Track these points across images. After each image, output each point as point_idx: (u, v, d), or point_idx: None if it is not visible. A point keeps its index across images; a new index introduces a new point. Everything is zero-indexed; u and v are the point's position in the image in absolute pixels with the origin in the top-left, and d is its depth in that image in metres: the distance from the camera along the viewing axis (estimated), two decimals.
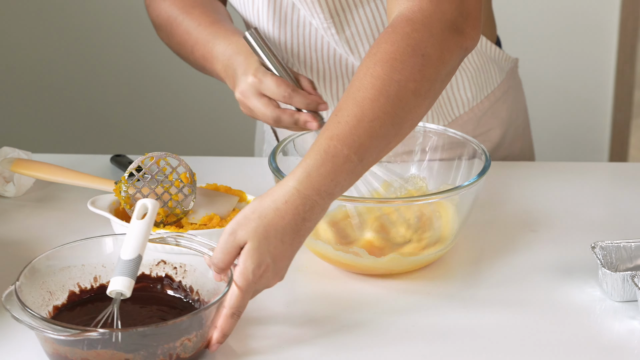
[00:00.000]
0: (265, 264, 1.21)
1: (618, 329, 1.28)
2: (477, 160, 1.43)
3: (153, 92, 3.14)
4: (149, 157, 1.45)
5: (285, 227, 1.21)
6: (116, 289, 1.21)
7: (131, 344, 1.14)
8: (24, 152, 1.59)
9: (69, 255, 1.28)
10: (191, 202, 1.45)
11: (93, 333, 1.13)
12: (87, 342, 1.14)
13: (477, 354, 1.23)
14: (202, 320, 1.18)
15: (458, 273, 1.39)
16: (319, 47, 1.56)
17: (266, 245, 1.21)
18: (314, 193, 1.22)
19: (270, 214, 1.21)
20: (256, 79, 1.41)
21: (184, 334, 1.17)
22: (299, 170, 1.22)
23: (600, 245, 1.36)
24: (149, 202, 1.26)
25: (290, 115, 1.40)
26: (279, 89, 1.40)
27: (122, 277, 1.22)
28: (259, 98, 1.41)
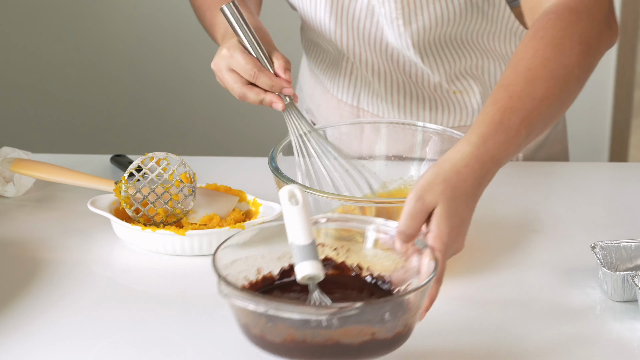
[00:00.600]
0: (456, 228, 1.21)
1: (618, 329, 1.27)
2: None
3: (153, 92, 3.14)
4: (149, 157, 1.45)
5: (467, 191, 1.22)
6: (308, 273, 1.17)
7: (378, 317, 1.11)
8: (24, 152, 1.59)
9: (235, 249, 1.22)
10: (191, 202, 1.45)
11: (350, 310, 1.08)
12: (338, 320, 1.09)
13: (477, 354, 1.23)
14: (426, 291, 1.15)
15: (458, 273, 1.39)
16: (375, 42, 1.59)
17: (455, 207, 1.20)
18: (489, 160, 1.24)
19: (453, 178, 1.21)
20: (228, 53, 1.43)
21: (418, 306, 1.15)
22: (473, 137, 1.24)
23: (600, 245, 1.36)
24: (295, 188, 1.19)
25: (257, 94, 1.43)
26: (246, 67, 1.41)
27: (309, 262, 1.17)
28: (229, 72, 1.43)
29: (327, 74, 1.72)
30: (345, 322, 1.09)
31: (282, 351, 1.12)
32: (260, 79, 1.42)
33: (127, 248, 1.44)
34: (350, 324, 1.09)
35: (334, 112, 1.72)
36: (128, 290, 1.36)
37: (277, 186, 1.38)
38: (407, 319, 1.13)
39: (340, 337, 1.10)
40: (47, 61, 3.11)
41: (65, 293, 1.34)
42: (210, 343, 1.24)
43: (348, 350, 1.11)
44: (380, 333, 1.11)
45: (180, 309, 1.31)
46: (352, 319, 1.09)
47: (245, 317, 1.13)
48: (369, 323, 1.10)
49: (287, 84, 1.43)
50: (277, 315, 1.09)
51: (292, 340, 1.11)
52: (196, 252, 1.42)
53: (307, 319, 1.09)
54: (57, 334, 1.25)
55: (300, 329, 1.10)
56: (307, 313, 1.09)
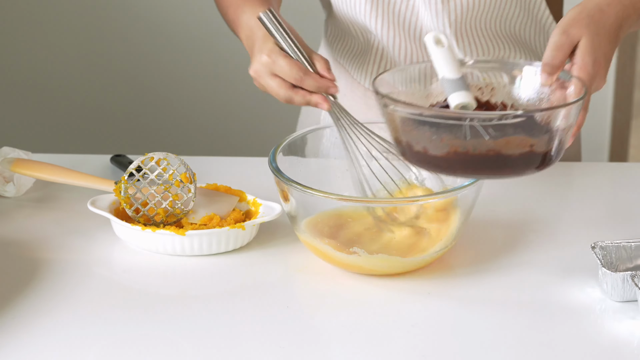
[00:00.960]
0: (599, 62, 1.26)
1: (618, 329, 1.28)
2: None
3: (153, 92, 3.14)
4: (149, 157, 1.45)
5: (610, 28, 1.28)
6: (462, 101, 1.23)
7: (537, 126, 1.17)
8: (24, 152, 1.59)
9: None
10: (191, 202, 1.45)
11: (514, 115, 1.15)
12: (501, 128, 1.14)
13: (477, 354, 1.23)
14: (578, 108, 1.22)
15: (458, 273, 1.39)
16: (410, 25, 1.60)
17: (598, 41, 1.26)
18: (630, 4, 1.31)
19: (597, 14, 1.27)
20: (270, 59, 1.43)
21: (570, 124, 1.21)
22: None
23: (600, 245, 1.36)
24: (439, 34, 1.26)
25: (302, 96, 1.43)
26: (292, 71, 1.42)
27: (461, 92, 1.23)
28: (272, 78, 1.44)
29: (354, 63, 1.71)
30: (507, 131, 1.15)
31: (444, 165, 1.19)
32: (307, 82, 1.42)
33: (127, 248, 1.44)
34: (512, 133, 1.16)
35: (359, 101, 1.71)
36: (128, 290, 1.36)
37: (277, 186, 1.38)
38: (562, 135, 1.20)
39: (502, 147, 1.16)
40: (47, 61, 3.11)
41: (66, 293, 1.34)
42: (210, 343, 1.24)
43: (508, 162, 1.18)
44: (537, 146, 1.18)
45: (180, 309, 1.31)
46: (514, 127, 1.15)
47: (408, 133, 1.20)
48: (529, 133, 1.17)
49: (332, 83, 1.43)
50: (443, 123, 1.15)
51: (455, 153, 1.17)
52: (196, 252, 1.42)
53: (473, 126, 1.14)
54: (58, 333, 1.25)
55: (464, 140, 1.16)
56: (476, 118, 1.14)
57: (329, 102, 1.43)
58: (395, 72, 1.32)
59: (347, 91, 1.73)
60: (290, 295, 1.35)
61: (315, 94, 1.43)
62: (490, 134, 1.16)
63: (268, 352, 1.23)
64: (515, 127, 1.17)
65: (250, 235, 1.44)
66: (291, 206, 1.38)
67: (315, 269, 1.40)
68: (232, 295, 1.35)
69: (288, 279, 1.38)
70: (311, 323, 1.29)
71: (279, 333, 1.26)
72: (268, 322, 1.28)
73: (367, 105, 1.71)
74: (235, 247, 1.43)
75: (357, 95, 1.72)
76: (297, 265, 1.40)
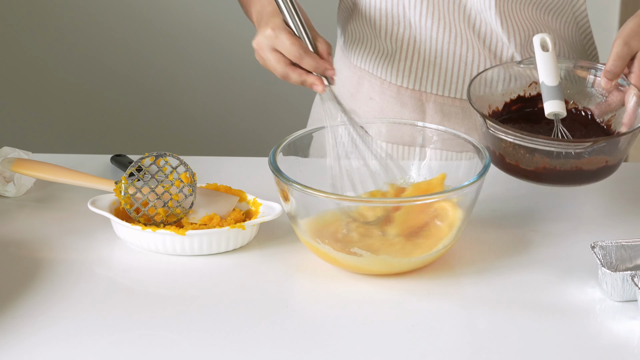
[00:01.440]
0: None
1: (618, 329, 1.28)
2: (477, 160, 1.43)
3: (153, 92, 3.14)
4: (149, 157, 1.45)
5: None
6: (555, 110, 1.46)
7: (614, 148, 1.41)
8: (24, 152, 1.59)
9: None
10: (191, 202, 1.45)
11: (601, 143, 1.38)
12: (588, 152, 1.38)
13: (477, 354, 1.23)
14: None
15: (458, 273, 1.39)
16: (454, 3, 1.61)
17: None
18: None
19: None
20: (273, 33, 1.45)
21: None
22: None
23: (600, 245, 1.36)
24: (545, 36, 1.49)
25: (299, 74, 1.45)
26: (292, 47, 1.44)
27: (556, 101, 1.46)
28: (272, 52, 1.46)
29: (381, 63, 1.69)
30: (592, 153, 1.39)
31: (531, 176, 1.43)
32: (305, 61, 1.44)
33: (127, 248, 1.44)
34: (596, 154, 1.40)
35: (391, 101, 1.70)
36: (128, 290, 1.36)
37: (277, 186, 1.38)
38: (628, 148, 1.45)
39: (584, 165, 1.41)
40: (47, 61, 3.11)
41: (66, 293, 1.34)
42: (210, 343, 1.24)
43: (587, 175, 1.43)
44: (611, 160, 1.43)
45: (180, 309, 1.31)
46: (598, 151, 1.39)
47: (504, 149, 1.43)
48: (607, 154, 1.41)
49: (330, 65, 1.45)
50: (538, 148, 1.38)
51: (544, 168, 1.41)
52: (196, 252, 1.42)
53: (569, 151, 1.39)
54: (58, 333, 1.26)
55: (554, 159, 1.39)
56: (569, 147, 1.39)
57: (324, 85, 1.44)
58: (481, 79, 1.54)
59: (374, 94, 1.72)
60: (290, 295, 1.35)
61: (312, 75, 1.45)
62: (576, 157, 1.39)
63: (268, 351, 1.23)
64: (597, 151, 1.40)
65: (250, 235, 1.44)
66: (291, 206, 1.38)
67: (315, 269, 1.40)
68: (232, 295, 1.35)
69: (288, 279, 1.38)
70: (311, 323, 1.29)
71: (279, 333, 1.26)
72: (268, 322, 1.28)
73: (401, 103, 1.70)
74: (235, 247, 1.43)
75: (389, 95, 1.70)
76: (297, 265, 1.40)
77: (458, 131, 1.48)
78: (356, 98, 1.74)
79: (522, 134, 1.39)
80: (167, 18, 3.07)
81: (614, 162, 1.45)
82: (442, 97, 1.67)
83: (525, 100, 1.58)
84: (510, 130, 1.40)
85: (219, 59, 3.10)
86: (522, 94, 1.57)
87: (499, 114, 1.56)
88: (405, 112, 1.69)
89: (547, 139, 1.39)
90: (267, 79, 3.06)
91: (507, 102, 1.57)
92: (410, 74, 1.68)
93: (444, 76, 1.66)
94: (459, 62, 1.65)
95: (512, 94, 1.57)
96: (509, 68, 1.57)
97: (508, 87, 1.57)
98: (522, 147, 1.41)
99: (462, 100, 1.66)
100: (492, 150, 1.46)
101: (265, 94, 3.12)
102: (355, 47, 1.72)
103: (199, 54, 3.09)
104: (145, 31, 3.08)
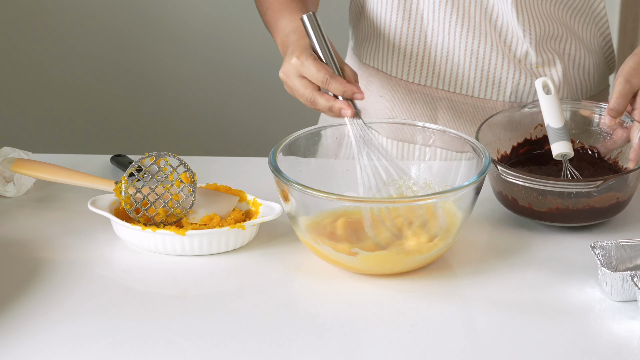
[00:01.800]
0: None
1: (618, 329, 1.28)
2: (477, 160, 1.43)
3: (153, 92, 3.14)
4: (149, 157, 1.45)
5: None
6: (562, 151, 1.50)
7: (624, 185, 1.44)
8: (24, 152, 1.59)
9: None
10: (191, 202, 1.45)
11: (610, 181, 1.42)
12: (598, 190, 1.42)
13: (477, 354, 1.23)
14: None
15: (458, 273, 1.39)
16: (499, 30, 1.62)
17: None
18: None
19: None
20: (299, 60, 1.45)
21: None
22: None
23: (600, 245, 1.36)
24: (547, 80, 1.53)
25: (327, 100, 1.45)
26: (319, 73, 1.44)
27: (563, 142, 1.50)
28: (299, 79, 1.46)
29: (393, 60, 1.69)
30: (602, 191, 1.43)
31: (545, 217, 1.46)
32: (332, 85, 1.44)
33: (127, 248, 1.44)
34: (606, 191, 1.43)
35: (405, 98, 1.70)
36: (128, 290, 1.36)
37: (277, 186, 1.38)
38: (637, 184, 1.48)
39: (595, 203, 1.44)
40: (47, 61, 3.11)
41: (66, 293, 1.34)
42: (210, 343, 1.24)
43: (599, 212, 1.45)
44: (622, 197, 1.46)
45: (180, 309, 1.31)
46: (608, 188, 1.43)
47: (516, 192, 1.45)
48: (617, 190, 1.44)
49: (358, 89, 1.45)
50: (549, 189, 1.42)
51: (557, 209, 1.44)
52: (196, 252, 1.42)
53: (580, 191, 1.42)
54: (58, 333, 1.26)
55: (566, 199, 1.43)
56: (582, 186, 1.42)
57: (353, 109, 1.44)
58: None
59: (384, 92, 1.71)
60: (290, 295, 1.35)
61: (339, 100, 1.44)
62: (587, 195, 1.42)
63: (268, 351, 1.23)
64: (608, 188, 1.43)
65: (250, 235, 1.44)
66: (291, 206, 1.38)
67: (315, 269, 1.40)
68: (232, 295, 1.35)
69: (288, 279, 1.38)
70: (311, 323, 1.29)
71: (279, 333, 1.26)
72: (268, 322, 1.28)
73: (412, 100, 1.68)
74: (235, 247, 1.43)
75: (399, 92, 1.69)
76: (297, 265, 1.40)
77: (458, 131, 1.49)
78: (366, 96, 1.73)
79: (533, 177, 1.42)
80: (167, 18, 3.07)
81: (625, 197, 1.47)
82: (453, 94, 1.67)
83: (532, 143, 1.59)
84: (520, 173, 1.43)
85: (219, 59, 3.10)
86: (529, 136, 1.59)
87: (507, 158, 1.58)
88: (416, 110, 1.68)
89: (558, 180, 1.42)
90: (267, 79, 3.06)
91: (515, 146, 1.59)
92: (422, 70, 1.67)
93: (455, 72, 1.65)
94: (471, 57, 1.64)
95: (518, 138, 1.59)
96: (514, 112, 1.59)
97: (514, 131, 1.59)
98: (533, 190, 1.43)
99: (473, 98, 1.66)
100: (505, 194, 1.48)
101: (265, 94, 3.12)
102: (366, 45, 1.72)
103: (199, 54, 3.09)
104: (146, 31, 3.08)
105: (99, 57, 3.10)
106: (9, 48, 3.09)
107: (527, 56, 1.64)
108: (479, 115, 1.66)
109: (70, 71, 3.12)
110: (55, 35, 3.08)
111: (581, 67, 1.69)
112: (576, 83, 1.69)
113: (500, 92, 1.66)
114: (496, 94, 1.66)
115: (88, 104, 3.15)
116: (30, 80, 3.13)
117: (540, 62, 1.64)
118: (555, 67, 1.66)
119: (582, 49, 1.68)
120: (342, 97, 1.44)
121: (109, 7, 3.06)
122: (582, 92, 1.70)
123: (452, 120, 1.67)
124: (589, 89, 1.71)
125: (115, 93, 3.15)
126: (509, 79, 1.65)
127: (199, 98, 3.15)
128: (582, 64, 1.69)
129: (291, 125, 2.09)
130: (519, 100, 1.67)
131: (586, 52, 1.69)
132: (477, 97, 1.66)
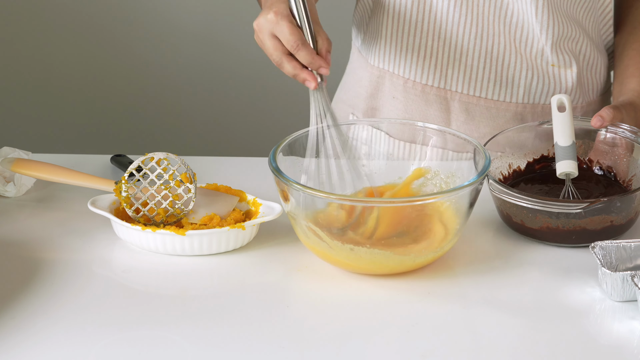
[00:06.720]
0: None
1: (618, 329, 1.28)
2: (477, 160, 1.43)
3: (153, 92, 3.14)
4: (149, 157, 1.45)
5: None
6: (566, 170, 1.48)
7: (616, 208, 1.40)
8: (24, 152, 1.59)
9: None
10: (191, 202, 1.45)
11: (598, 204, 1.38)
12: (587, 212, 1.39)
13: (477, 354, 1.24)
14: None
15: (458, 273, 1.39)
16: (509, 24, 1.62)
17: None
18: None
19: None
20: (275, 18, 1.42)
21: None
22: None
23: (600, 245, 1.36)
24: (564, 97, 1.52)
25: (294, 67, 1.43)
26: (290, 37, 1.41)
27: (568, 161, 1.48)
28: (270, 38, 1.43)
29: (405, 62, 1.68)
30: (591, 213, 1.39)
31: (537, 235, 1.44)
32: (301, 53, 1.42)
33: (127, 248, 1.44)
34: (596, 214, 1.40)
35: (416, 99, 1.69)
36: (128, 290, 1.36)
37: (277, 186, 1.38)
38: (637, 207, 1.44)
39: (586, 224, 1.41)
40: (47, 61, 3.11)
41: (66, 293, 1.34)
42: (210, 343, 1.24)
43: (590, 234, 1.42)
44: (617, 220, 1.42)
45: (180, 309, 1.31)
46: (597, 211, 1.39)
47: (509, 208, 1.45)
48: (609, 213, 1.40)
49: (325, 63, 1.43)
50: (538, 209, 1.39)
51: (547, 227, 1.42)
52: (196, 252, 1.42)
53: (565, 212, 1.39)
54: (58, 333, 1.26)
55: (556, 219, 1.41)
56: (565, 207, 1.39)
57: (317, 82, 1.42)
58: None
59: (396, 93, 1.71)
60: (290, 295, 1.35)
61: (306, 70, 1.43)
62: (576, 217, 1.40)
63: (268, 352, 1.23)
64: (598, 210, 1.40)
65: (250, 235, 1.44)
66: (291, 206, 1.38)
67: (315, 269, 1.40)
68: (232, 295, 1.35)
69: (288, 279, 1.38)
70: (311, 323, 1.29)
71: (279, 333, 1.26)
72: (268, 322, 1.28)
73: (425, 101, 1.69)
74: (235, 247, 1.44)
75: (413, 94, 1.68)
76: (297, 265, 1.40)
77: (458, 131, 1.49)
78: (376, 97, 1.72)
79: (520, 194, 1.40)
80: (167, 18, 3.07)
81: (621, 221, 1.43)
82: (467, 96, 1.66)
83: (549, 160, 1.58)
84: (509, 190, 1.41)
85: (219, 59, 3.10)
86: (546, 153, 1.58)
87: (520, 173, 1.56)
88: (430, 111, 1.68)
89: (544, 200, 1.40)
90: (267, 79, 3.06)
91: (530, 162, 1.57)
92: (436, 71, 1.66)
93: (469, 73, 1.65)
94: (485, 57, 1.63)
95: (535, 154, 1.57)
96: (532, 129, 1.57)
97: (531, 147, 1.58)
98: (524, 208, 1.41)
99: (487, 100, 1.66)
100: (501, 209, 1.48)
101: (265, 94, 3.12)
102: (375, 46, 1.70)
103: (199, 54, 3.09)
104: (145, 31, 3.08)
105: (99, 57, 3.10)
106: (9, 48, 3.09)
107: (543, 54, 1.63)
108: (492, 117, 1.66)
109: (70, 71, 3.12)
110: (56, 36, 3.08)
111: (594, 68, 1.69)
112: (588, 83, 1.69)
113: (513, 93, 1.66)
114: (509, 94, 1.66)
115: (88, 104, 3.15)
116: (30, 80, 3.13)
117: (556, 61, 1.64)
118: (570, 69, 1.65)
119: (595, 50, 1.68)
120: (309, 67, 1.43)
121: (109, 7, 3.06)
122: (593, 92, 1.70)
123: (466, 122, 1.67)
124: (599, 89, 1.72)
125: (116, 93, 3.15)
126: (522, 79, 1.65)
127: (199, 98, 3.15)
128: (594, 65, 1.69)
129: (291, 125, 2.09)
130: (532, 102, 1.66)
131: (597, 53, 1.69)
132: (490, 98, 1.65)
